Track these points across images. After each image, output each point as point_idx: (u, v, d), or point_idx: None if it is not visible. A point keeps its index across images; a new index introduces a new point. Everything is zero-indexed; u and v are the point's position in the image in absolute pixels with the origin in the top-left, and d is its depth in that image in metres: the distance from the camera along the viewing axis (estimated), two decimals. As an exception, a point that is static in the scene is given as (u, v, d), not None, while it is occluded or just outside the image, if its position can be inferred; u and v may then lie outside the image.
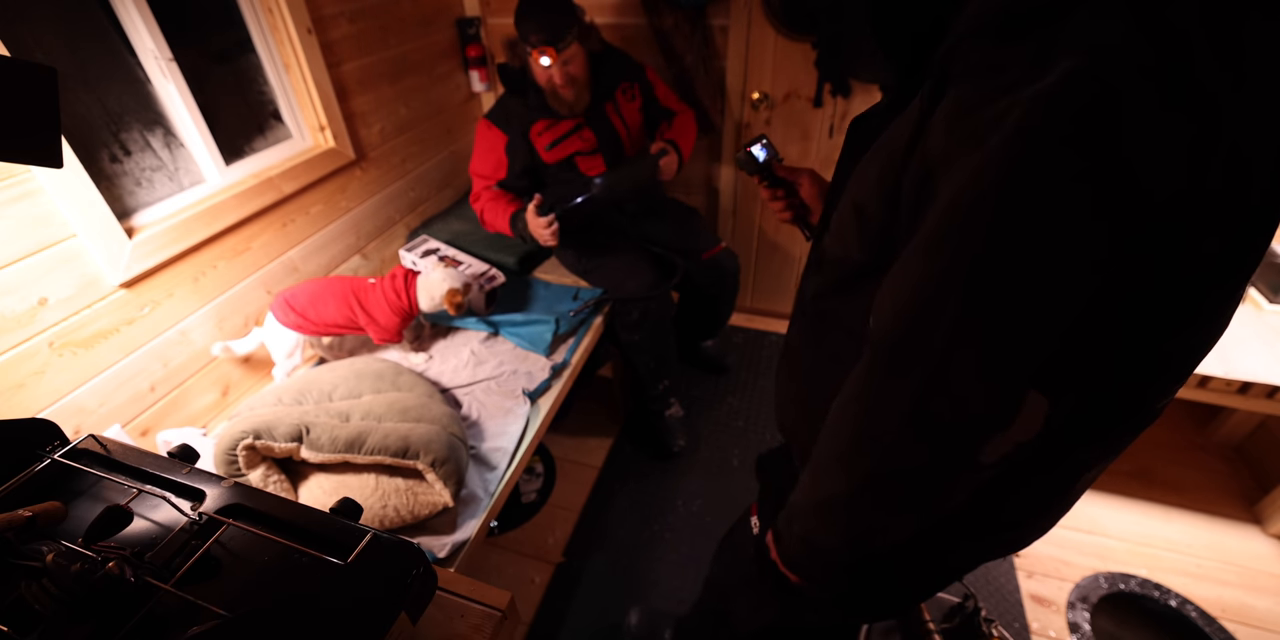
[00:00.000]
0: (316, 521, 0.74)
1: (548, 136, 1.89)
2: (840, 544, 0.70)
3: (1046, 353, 0.49)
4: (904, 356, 0.54)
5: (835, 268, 0.71)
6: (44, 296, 1.20)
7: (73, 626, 0.59)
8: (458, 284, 1.68)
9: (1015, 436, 0.52)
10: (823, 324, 0.78)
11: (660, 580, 1.82)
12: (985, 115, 0.46)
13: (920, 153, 0.52)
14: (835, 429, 0.64)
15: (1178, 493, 2.02)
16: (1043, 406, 0.50)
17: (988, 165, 0.45)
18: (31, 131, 0.68)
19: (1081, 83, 0.41)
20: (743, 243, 2.68)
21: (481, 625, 0.79)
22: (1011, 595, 1.75)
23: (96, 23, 1.33)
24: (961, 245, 0.48)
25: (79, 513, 0.73)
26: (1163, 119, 0.41)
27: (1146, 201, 0.42)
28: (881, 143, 0.61)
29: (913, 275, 0.52)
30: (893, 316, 0.54)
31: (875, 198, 0.60)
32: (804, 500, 0.71)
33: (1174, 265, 0.45)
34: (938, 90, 0.51)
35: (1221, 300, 0.51)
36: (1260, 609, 1.70)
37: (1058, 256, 0.45)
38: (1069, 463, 0.66)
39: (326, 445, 1.23)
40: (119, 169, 1.40)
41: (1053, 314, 0.47)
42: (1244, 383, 1.62)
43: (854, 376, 0.60)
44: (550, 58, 1.68)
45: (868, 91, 2.10)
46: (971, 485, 0.59)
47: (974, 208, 0.47)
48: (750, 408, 2.44)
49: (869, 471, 0.61)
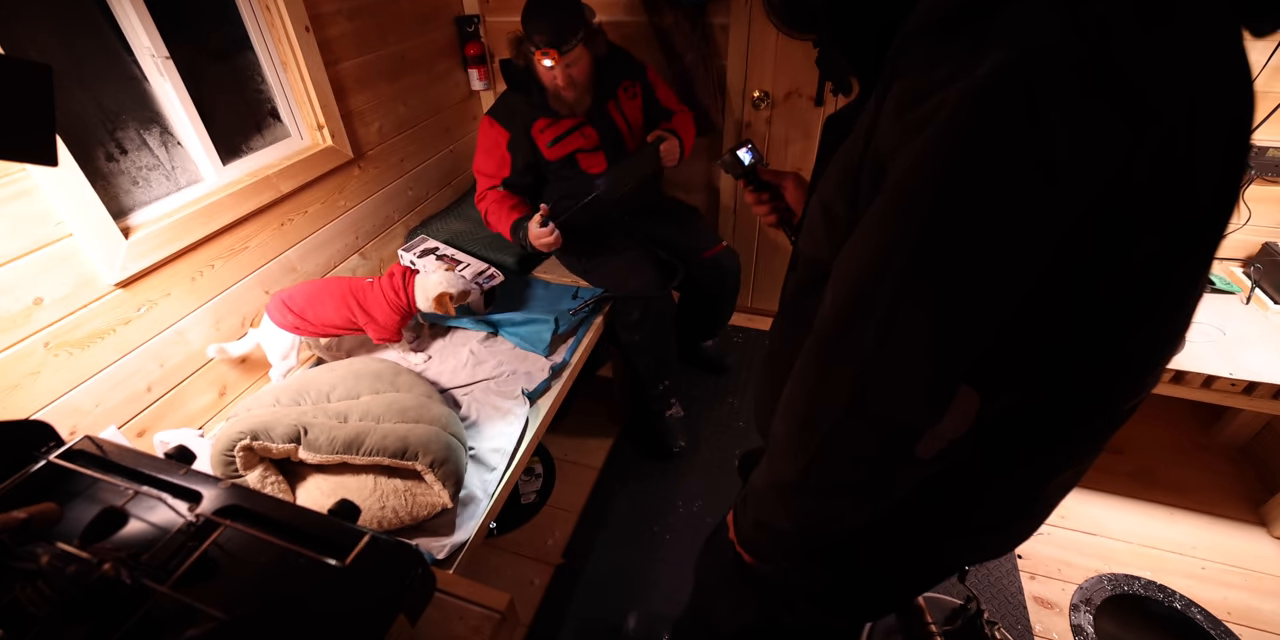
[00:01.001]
0: (314, 523, 0.73)
1: (549, 133, 1.88)
2: (791, 529, 0.71)
3: (979, 347, 0.49)
4: (843, 340, 0.54)
5: (808, 267, 0.72)
6: (39, 296, 1.19)
7: (68, 629, 0.59)
8: (453, 289, 1.67)
9: (946, 432, 0.53)
10: (798, 323, 0.78)
11: (660, 581, 1.81)
12: (924, 108, 0.46)
13: (873, 148, 0.53)
14: (784, 414, 0.65)
15: (1182, 494, 2.01)
16: (974, 402, 0.51)
17: (923, 157, 0.46)
18: (26, 130, 0.67)
19: (1007, 75, 0.42)
20: (743, 242, 2.68)
21: (480, 627, 0.79)
22: (1014, 597, 1.74)
23: (92, 20, 1.32)
24: (897, 235, 0.49)
25: (75, 514, 0.73)
26: (1083, 110, 0.41)
27: (1071, 193, 0.43)
28: (845, 145, 0.62)
29: (854, 256, 0.53)
30: (833, 303, 0.55)
31: (838, 196, 0.61)
32: (759, 483, 0.72)
33: (1114, 261, 0.46)
34: (886, 88, 0.52)
35: (1178, 298, 0.51)
36: (1266, 612, 1.69)
37: (989, 250, 0.46)
38: (1035, 465, 0.67)
39: (324, 446, 1.22)
40: (115, 168, 1.39)
41: (984, 308, 0.48)
42: (1249, 383, 1.62)
43: (800, 361, 0.61)
44: (553, 60, 1.67)
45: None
46: (912, 479, 0.60)
47: (910, 198, 0.48)
48: (750, 408, 2.44)
49: (811, 456, 0.61)
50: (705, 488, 2.11)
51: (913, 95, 0.48)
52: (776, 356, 0.84)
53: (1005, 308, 0.47)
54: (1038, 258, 0.45)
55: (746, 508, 0.77)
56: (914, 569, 0.88)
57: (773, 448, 0.68)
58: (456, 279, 1.70)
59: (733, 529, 0.84)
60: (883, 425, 0.55)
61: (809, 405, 0.60)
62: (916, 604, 1.63)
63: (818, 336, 0.57)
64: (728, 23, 2.17)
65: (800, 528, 0.70)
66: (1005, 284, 0.46)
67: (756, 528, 0.76)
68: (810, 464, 0.62)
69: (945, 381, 0.51)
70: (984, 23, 0.45)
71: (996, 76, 0.42)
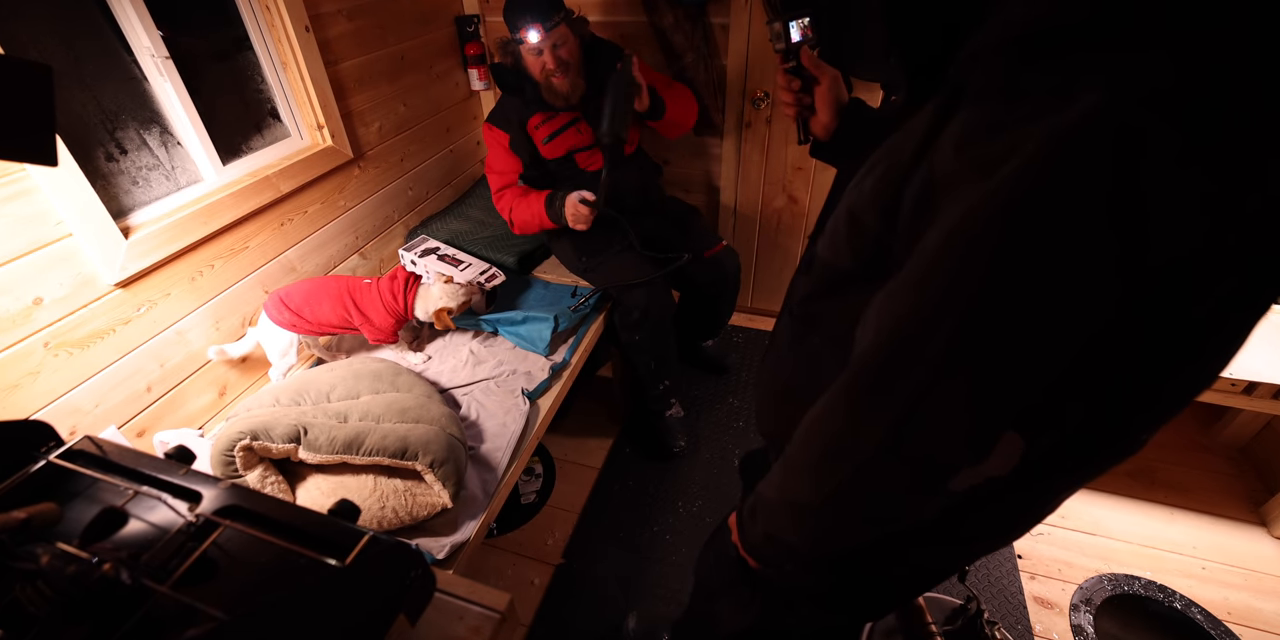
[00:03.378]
0: (314, 523, 0.73)
1: (544, 130, 1.88)
2: (801, 543, 0.71)
3: (1032, 399, 0.47)
4: (885, 382, 0.52)
5: (824, 271, 0.71)
6: (39, 296, 1.19)
7: (68, 629, 0.59)
8: (453, 303, 1.67)
9: (988, 472, 0.52)
10: (806, 326, 0.78)
11: (660, 581, 1.81)
12: (999, 144, 0.43)
13: (925, 166, 0.50)
14: (808, 439, 0.63)
15: (1182, 494, 2.01)
16: (1019, 447, 0.49)
17: (993, 198, 0.43)
18: (26, 130, 0.67)
19: (1102, 124, 0.38)
20: (744, 242, 2.67)
21: (480, 627, 0.78)
22: (1014, 597, 1.74)
23: (92, 20, 1.32)
24: (959, 277, 0.46)
25: (74, 514, 0.72)
26: (1182, 176, 0.37)
27: (1158, 257, 0.39)
28: (883, 152, 0.60)
29: (904, 300, 0.50)
30: (877, 339, 0.53)
31: (871, 207, 0.59)
32: (771, 498, 0.71)
33: (1180, 313, 0.43)
34: (951, 104, 0.49)
35: (1228, 339, 0.48)
36: (1267, 612, 1.69)
37: (1057, 302, 0.43)
38: (1043, 485, 0.66)
39: (324, 446, 1.22)
40: (115, 168, 1.39)
41: (1044, 361, 0.45)
42: (1249, 383, 1.62)
43: (833, 391, 0.59)
44: (539, 33, 1.68)
45: (868, 90, 2.09)
46: (938, 508, 0.59)
47: (975, 242, 0.44)
48: (750, 408, 2.43)
49: (837, 486, 0.60)
50: (705, 488, 2.11)
51: (984, 127, 0.45)
52: (782, 359, 0.83)
53: (1058, 367, 0.45)
54: (1100, 320, 0.42)
55: (756, 518, 0.76)
56: (918, 573, 0.88)
57: (789, 464, 0.67)
58: (457, 291, 1.69)
59: (736, 532, 0.83)
60: (918, 465, 0.53)
61: (840, 437, 0.58)
62: (916, 604, 1.62)
63: (857, 370, 0.55)
64: (728, 22, 2.17)
65: (812, 544, 0.70)
66: (1065, 339, 0.44)
67: (766, 539, 0.75)
68: (835, 492, 0.61)
69: (988, 432, 0.49)
70: (1081, 56, 0.40)
71: (1090, 124, 0.38)
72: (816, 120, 0.99)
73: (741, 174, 2.49)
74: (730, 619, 1.10)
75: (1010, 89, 0.43)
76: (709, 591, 1.18)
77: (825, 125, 0.98)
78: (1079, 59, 0.40)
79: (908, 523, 0.62)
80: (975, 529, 0.74)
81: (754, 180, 2.49)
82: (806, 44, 0.96)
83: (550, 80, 1.78)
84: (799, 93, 0.98)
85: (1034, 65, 0.42)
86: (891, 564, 0.82)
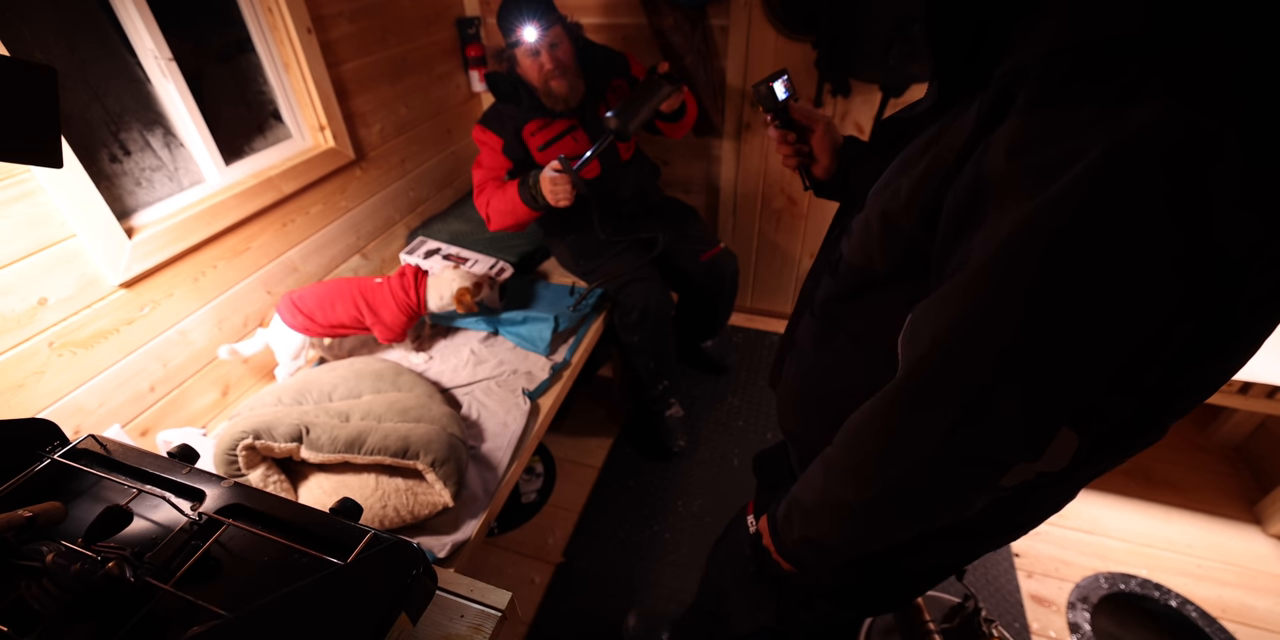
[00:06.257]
0: (316, 522, 0.74)
1: (540, 137, 1.87)
2: (841, 545, 0.71)
3: (1093, 396, 0.48)
4: (940, 387, 0.53)
5: (852, 274, 0.71)
6: (44, 296, 1.20)
7: (73, 626, 0.59)
8: (469, 283, 1.67)
9: (1041, 467, 0.52)
10: (830, 326, 0.78)
11: (660, 580, 1.82)
12: (1059, 150, 0.43)
13: (973, 169, 0.50)
14: (853, 442, 0.63)
15: (1178, 493, 2.02)
16: (1073, 442, 0.50)
17: (1057, 204, 0.43)
18: (31, 131, 0.68)
19: (1167, 130, 0.39)
20: (742, 243, 2.68)
21: (481, 625, 0.79)
22: (1011, 595, 1.75)
23: (96, 23, 1.33)
24: (1019, 281, 0.46)
25: (79, 513, 0.73)
26: (1247, 177, 0.38)
27: (1222, 258, 0.40)
28: (916, 153, 0.60)
29: (958, 306, 0.51)
30: (931, 346, 0.53)
31: (908, 209, 0.59)
32: (811, 501, 0.71)
33: (1230, 306, 0.44)
34: (998, 108, 0.49)
35: (1261, 328, 0.49)
36: (1261, 609, 1.69)
37: (1121, 303, 0.43)
38: (1079, 476, 0.66)
39: (326, 445, 1.23)
40: (119, 169, 1.40)
41: (1106, 360, 0.46)
42: (1244, 383, 1.62)
43: (881, 397, 0.59)
44: (536, 29, 1.68)
45: (868, 91, 2.10)
46: (985, 503, 0.59)
47: (1037, 247, 0.45)
48: (750, 408, 2.44)
49: (885, 488, 0.61)
50: (705, 487, 2.11)
51: (1039, 134, 0.45)
52: (807, 359, 0.83)
53: (1122, 359, 0.45)
54: (1161, 317, 0.43)
55: (792, 522, 0.76)
56: (933, 568, 0.88)
57: (831, 467, 0.67)
58: (468, 274, 1.70)
59: (768, 536, 0.82)
60: (973, 464, 0.54)
61: (890, 440, 0.59)
62: (915, 602, 1.63)
63: (909, 374, 0.56)
64: (727, 24, 2.17)
65: (850, 544, 0.70)
66: (1128, 338, 0.44)
67: (803, 541, 0.75)
68: (884, 493, 0.61)
69: (1046, 430, 0.50)
70: (1142, 64, 0.40)
71: (1153, 130, 0.39)
72: (818, 165, 1.01)
73: (741, 175, 2.49)
74: (741, 618, 1.10)
75: (1064, 98, 0.44)
76: (721, 591, 1.18)
77: (826, 168, 1.00)
78: (1135, 68, 0.41)
79: (952, 520, 0.63)
80: (993, 522, 0.75)
81: (753, 181, 2.49)
82: (791, 98, 1.00)
83: (549, 83, 1.77)
84: (796, 144, 1.01)
85: (1088, 74, 0.43)
86: (908, 558, 0.82)
